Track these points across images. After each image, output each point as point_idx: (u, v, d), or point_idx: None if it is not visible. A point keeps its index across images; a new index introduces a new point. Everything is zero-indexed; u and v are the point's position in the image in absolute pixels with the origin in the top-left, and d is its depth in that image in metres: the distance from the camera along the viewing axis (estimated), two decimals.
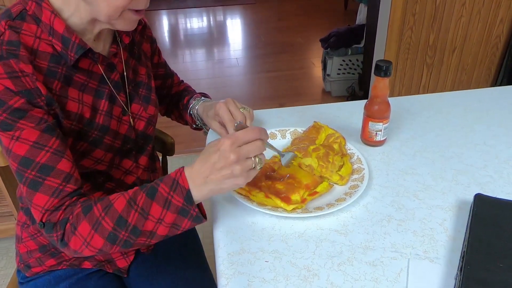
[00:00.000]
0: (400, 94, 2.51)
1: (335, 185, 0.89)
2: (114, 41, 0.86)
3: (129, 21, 0.76)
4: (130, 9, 0.74)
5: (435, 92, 1.32)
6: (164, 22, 5.05)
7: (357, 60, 3.00)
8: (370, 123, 0.98)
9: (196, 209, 0.70)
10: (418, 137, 1.05)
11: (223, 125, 0.98)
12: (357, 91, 3.04)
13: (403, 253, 0.73)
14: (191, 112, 1.06)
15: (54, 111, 0.74)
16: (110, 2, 0.70)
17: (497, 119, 1.12)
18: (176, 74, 1.15)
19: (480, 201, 0.79)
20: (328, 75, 3.10)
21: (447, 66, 2.47)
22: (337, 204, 0.81)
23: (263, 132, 0.71)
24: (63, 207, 0.72)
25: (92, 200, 0.72)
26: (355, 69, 3.05)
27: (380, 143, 1.01)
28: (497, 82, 2.56)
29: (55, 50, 0.74)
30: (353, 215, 0.81)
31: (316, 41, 3.55)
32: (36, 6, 0.73)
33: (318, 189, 0.86)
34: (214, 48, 4.30)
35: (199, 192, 0.70)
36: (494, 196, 0.81)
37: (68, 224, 0.71)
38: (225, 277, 0.70)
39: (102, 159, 0.85)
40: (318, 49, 3.66)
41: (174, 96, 1.14)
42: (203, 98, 1.06)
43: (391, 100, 0.98)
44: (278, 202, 0.81)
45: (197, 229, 1.14)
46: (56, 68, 0.74)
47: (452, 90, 2.15)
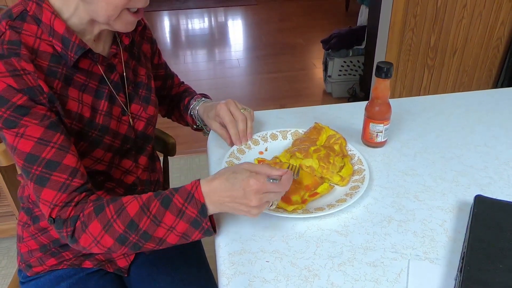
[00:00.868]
0: (401, 96, 2.51)
1: (336, 186, 0.89)
2: (114, 42, 0.86)
3: (127, 23, 0.77)
4: (129, 11, 0.75)
5: (436, 94, 1.33)
6: (166, 23, 5.06)
7: (358, 62, 3.01)
8: (371, 124, 0.98)
9: (208, 223, 0.71)
10: (419, 138, 1.06)
11: (224, 126, 0.98)
12: (358, 92, 3.04)
13: (403, 254, 0.73)
14: (192, 113, 1.06)
15: (56, 109, 0.74)
16: (109, 1, 0.71)
17: (498, 121, 1.12)
18: (177, 76, 1.16)
19: (480, 203, 0.79)
20: (329, 76, 3.11)
21: (448, 68, 2.48)
22: (338, 205, 0.81)
23: (290, 182, 0.73)
24: (73, 203, 0.73)
25: (104, 200, 0.73)
26: (356, 71, 3.05)
27: (381, 144, 1.02)
28: (498, 84, 2.56)
29: (55, 51, 0.75)
30: (354, 216, 0.82)
31: (317, 42, 3.56)
32: (37, 7, 0.73)
33: (319, 190, 0.86)
34: (215, 49, 4.30)
35: (213, 208, 0.72)
36: (494, 198, 0.82)
37: (79, 222, 0.72)
38: (226, 277, 0.70)
39: (102, 159, 0.85)
40: (319, 50, 3.67)
41: (175, 97, 1.14)
42: (204, 99, 1.07)
43: (392, 102, 0.98)
44: (279, 203, 0.82)
45: None
46: (57, 68, 0.75)
47: (453, 92, 2.15)
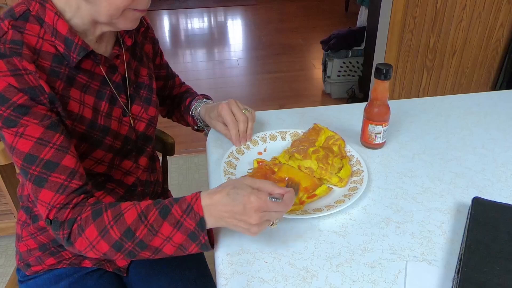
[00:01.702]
0: (400, 97, 2.52)
1: (334, 187, 0.90)
2: (117, 43, 0.86)
3: (131, 19, 0.77)
4: (132, 8, 0.74)
5: (435, 95, 1.33)
6: (165, 22, 5.05)
7: (357, 62, 3.01)
8: (370, 126, 0.98)
9: (206, 237, 0.70)
10: (417, 140, 1.06)
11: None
12: (357, 93, 3.05)
13: (401, 255, 0.74)
14: (193, 114, 1.06)
15: (57, 110, 0.74)
16: (111, 2, 0.71)
17: (496, 123, 1.13)
18: (178, 76, 1.16)
19: (478, 204, 0.80)
20: (329, 77, 3.11)
21: (447, 69, 2.48)
22: (336, 206, 0.82)
23: (292, 201, 0.71)
24: (71, 206, 0.72)
25: (103, 205, 0.72)
26: (355, 71, 3.06)
27: (380, 146, 1.02)
28: (497, 86, 2.57)
29: (58, 51, 0.75)
30: (352, 217, 0.82)
31: (317, 43, 3.56)
32: (40, 7, 0.73)
33: (317, 192, 0.86)
34: (215, 49, 4.30)
35: (212, 222, 0.70)
36: (492, 200, 0.82)
37: (76, 225, 0.71)
38: (224, 277, 0.70)
39: (102, 160, 0.85)
40: (319, 51, 3.67)
41: (176, 98, 1.14)
42: (205, 100, 1.07)
43: (391, 103, 0.99)
44: None
45: None
46: (59, 69, 0.75)
47: (452, 94, 2.16)
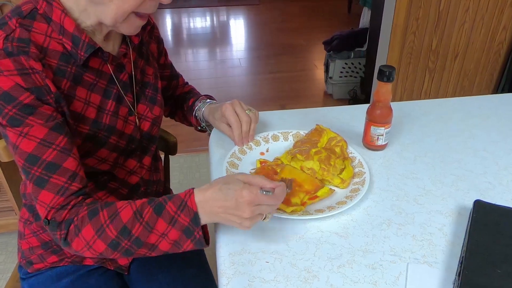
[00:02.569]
0: (402, 99, 2.52)
1: (336, 189, 0.90)
2: (124, 41, 0.86)
3: (133, 26, 0.77)
4: (136, 14, 0.75)
5: (437, 98, 1.33)
6: (168, 21, 5.06)
7: (360, 64, 3.01)
8: (372, 128, 0.99)
9: (200, 232, 0.70)
10: (419, 142, 1.06)
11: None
12: (359, 95, 3.05)
13: (402, 257, 0.74)
14: (196, 115, 1.06)
15: (62, 109, 0.74)
16: (119, 5, 0.71)
17: (497, 126, 1.13)
18: (181, 76, 1.16)
19: (480, 207, 0.80)
20: (330, 78, 3.11)
21: (449, 72, 2.48)
22: (338, 207, 0.82)
23: (284, 194, 0.73)
24: (69, 207, 0.73)
25: (99, 204, 0.73)
26: (357, 73, 3.06)
27: (382, 148, 1.02)
28: (499, 89, 2.57)
29: (65, 49, 0.75)
30: (354, 218, 0.82)
31: (319, 44, 3.57)
32: (47, 5, 0.73)
33: (319, 194, 0.86)
34: (217, 48, 4.31)
35: (206, 218, 0.71)
36: (493, 203, 0.82)
37: (73, 225, 0.72)
38: (226, 277, 0.70)
39: (106, 159, 0.85)
40: (321, 52, 3.67)
41: (179, 98, 1.14)
42: (209, 101, 1.07)
43: (393, 105, 0.99)
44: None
45: None
46: (66, 67, 0.75)
47: (454, 96, 2.16)
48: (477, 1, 2.23)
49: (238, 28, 4.89)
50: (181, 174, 2.40)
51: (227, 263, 0.73)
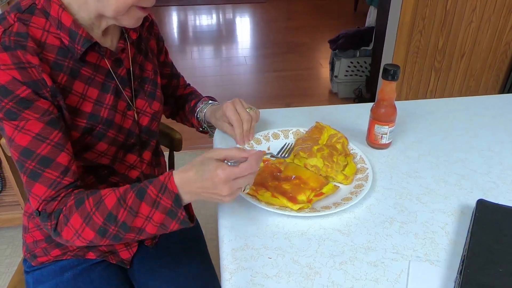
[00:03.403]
0: (407, 98, 2.51)
1: (340, 185, 0.90)
2: (122, 37, 0.87)
3: (135, 18, 0.78)
4: (137, 6, 0.76)
5: (442, 97, 1.33)
6: (174, 18, 5.07)
7: (365, 63, 3.01)
8: (376, 126, 0.99)
9: (184, 213, 0.72)
10: (423, 141, 1.06)
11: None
12: (364, 93, 3.04)
13: (404, 255, 0.74)
14: (198, 116, 1.07)
15: (58, 103, 0.75)
16: None
17: (503, 126, 1.13)
18: (183, 77, 1.16)
19: (482, 207, 0.80)
20: (336, 77, 3.11)
21: (455, 71, 2.47)
22: (344, 203, 0.82)
23: (258, 162, 0.73)
24: (59, 198, 0.74)
25: (85, 193, 0.74)
26: (363, 71, 3.05)
27: (385, 146, 1.02)
28: (505, 89, 2.55)
29: (63, 44, 0.76)
30: (356, 216, 0.83)
31: (325, 42, 3.56)
32: (45, 1, 0.74)
33: (324, 190, 0.87)
34: (223, 46, 4.31)
35: (187, 198, 0.73)
36: (496, 203, 0.82)
37: (62, 215, 0.73)
38: (229, 272, 0.71)
39: (106, 153, 0.86)
40: (326, 50, 3.67)
41: (180, 99, 1.15)
42: (211, 102, 1.07)
43: (398, 104, 0.99)
44: (285, 202, 0.82)
45: (200, 226, 1.16)
46: (63, 61, 0.76)
47: (460, 96, 2.15)
48: (484, 1, 2.22)
49: (244, 26, 4.89)
50: None
51: (230, 258, 0.74)
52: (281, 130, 1.06)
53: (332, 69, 3.15)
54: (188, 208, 0.75)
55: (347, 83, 3.11)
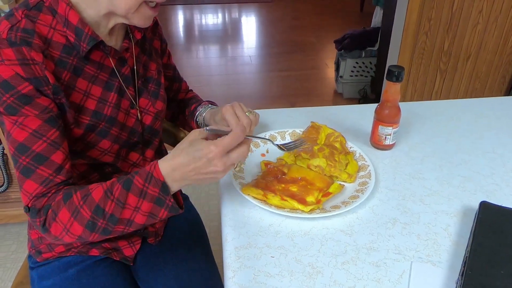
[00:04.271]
0: (412, 99, 2.51)
1: (345, 184, 0.91)
2: (126, 37, 0.88)
3: (145, 17, 0.79)
4: (147, 5, 0.76)
5: (447, 99, 1.33)
6: (180, 17, 5.08)
7: (371, 63, 3.00)
8: (380, 127, 0.99)
9: (172, 200, 0.72)
10: (427, 142, 1.06)
11: None
12: (369, 94, 3.04)
13: (406, 256, 0.74)
14: (198, 119, 1.07)
15: (60, 101, 0.76)
16: None
17: (507, 128, 1.13)
18: (185, 81, 1.17)
19: (485, 209, 0.80)
20: (341, 77, 3.10)
21: (461, 73, 2.46)
22: (353, 202, 0.83)
23: (244, 130, 0.72)
24: (49, 194, 0.75)
25: (73, 188, 0.75)
26: (368, 72, 3.05)
27: (389, 147, 1.03)
28: (511, 92, 2.54)
29: (68, 41, 0.77)
30: (359, 216, 0.83)
31: (330, 42, 3.56)
32: None
33: (331, 190, 0.87)
34: (228, 45, 4.32)
35: (176, 185, 0.72)
36: (499, 205, 0.82)
37: (50, 211, 0.74)
38: (232, 270, 0.72)
39: (109, 151, 0.87)
40: (332, 50, 3.67)
41: (181, 103, 1.15)
42: (210, 106, 1.07)
43: (402, 105, 0.99)
44: (296, 204, 0.83)
45: (203, 224, 1.17)
46: (67, 59, 0.77)
47: (465, 98, 2.15)
48: (491, 3, 2.21)
49: (250, 25, 4.89)
50: None
51: (233, 257, 0.74)
52: (278, 132, 1.06)
53: (337, 69, 3.14)
54: (177, 196, 0.75)
55: (352, 84, 3.10)
